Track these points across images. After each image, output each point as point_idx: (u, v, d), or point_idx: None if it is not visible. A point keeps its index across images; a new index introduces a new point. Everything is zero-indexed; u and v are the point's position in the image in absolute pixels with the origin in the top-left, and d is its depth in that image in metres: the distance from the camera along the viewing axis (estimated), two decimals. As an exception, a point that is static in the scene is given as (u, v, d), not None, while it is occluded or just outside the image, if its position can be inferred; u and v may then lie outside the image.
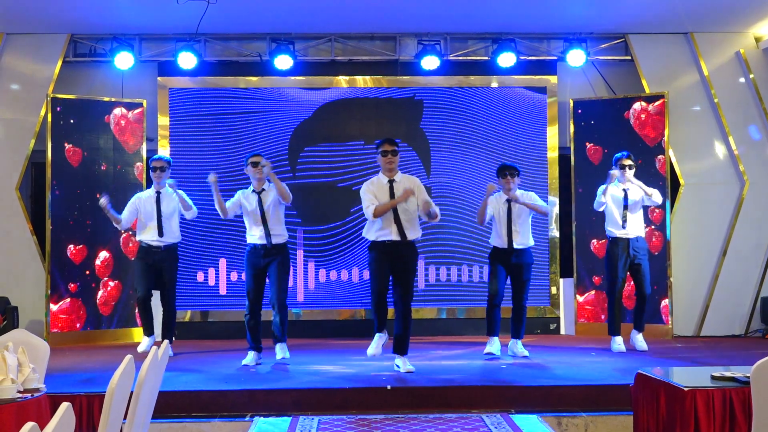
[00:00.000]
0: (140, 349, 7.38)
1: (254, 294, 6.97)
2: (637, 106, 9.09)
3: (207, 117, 9.35)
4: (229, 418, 5.44)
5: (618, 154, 7.70)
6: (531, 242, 7.32)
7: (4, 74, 9.06)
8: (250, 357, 6.97)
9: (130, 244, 8.90)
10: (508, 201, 7.24)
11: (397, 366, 6.42)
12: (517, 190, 7.30)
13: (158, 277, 7.47)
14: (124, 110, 9.05)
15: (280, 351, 7.02)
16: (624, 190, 7.59)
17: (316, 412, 5.49)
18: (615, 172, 7.58)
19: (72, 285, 8.71)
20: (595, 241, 9.11)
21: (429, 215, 6.47)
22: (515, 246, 7.20)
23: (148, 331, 7.50)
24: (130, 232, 8.71)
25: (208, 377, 6.31)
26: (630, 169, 7.59)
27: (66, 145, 8.77)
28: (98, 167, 8.92)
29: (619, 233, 7.60)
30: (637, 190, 7.62)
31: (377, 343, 6.49)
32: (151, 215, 7.48)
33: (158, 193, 7.53)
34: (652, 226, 8.89)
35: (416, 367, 6.44)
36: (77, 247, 8.76)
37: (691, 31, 9.19)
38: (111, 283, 8.90)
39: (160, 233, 7.46)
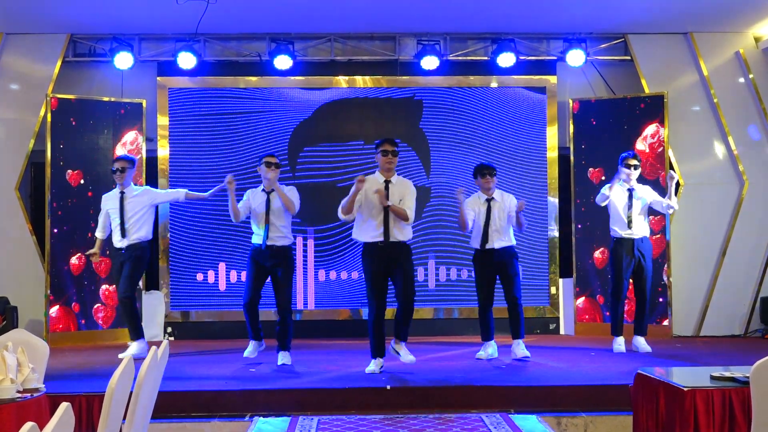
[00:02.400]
0: (128, 354, 7.10)
1: (254, 291, 6.92)
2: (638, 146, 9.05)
3: (206, 117, 9.35)
4: (228, 418, 5.44)
5: (624, 153, 7.66)
6: (512, 242, 7.16)
7: (3, 74, 9.06)
8: (251, 348, 6.97)
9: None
10: (488, 201, 7.12)
11: (397, 352, 6.39)
12: (496, 190, 7.18)
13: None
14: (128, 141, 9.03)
15: (282, 358, 6.98)
16: (629, 190, 7.55)
17: (315, 412, 5.49)
18: (622, 175, 7.56)
19: (71, 285, 8.70)
20: (597, 252, 9.09)
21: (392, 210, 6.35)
22: (492, 247, 7.05)
23: (135, 335, 7.36)
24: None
25: (208, 377, 6.31)
26: (635, 169, 7.53)
27: (68, 171, 8.76)
28: (99, 168, 8.91)
29: (624, 233, 7.54)
30: (644, 192, 7.56)
31: (376, 365, 6.39)
32: (116, 216, 7.43)
33: (122, 193, 7.45)
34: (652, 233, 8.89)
35: (415, 367, 6.43)
36: (77, 248, 8.74)
37: (691, 31, 9.19)
38: (111, 284, 8.88)
39: (123, 234, 7.37)
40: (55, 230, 8.65)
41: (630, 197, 7.51)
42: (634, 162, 7.54)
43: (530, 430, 5.02)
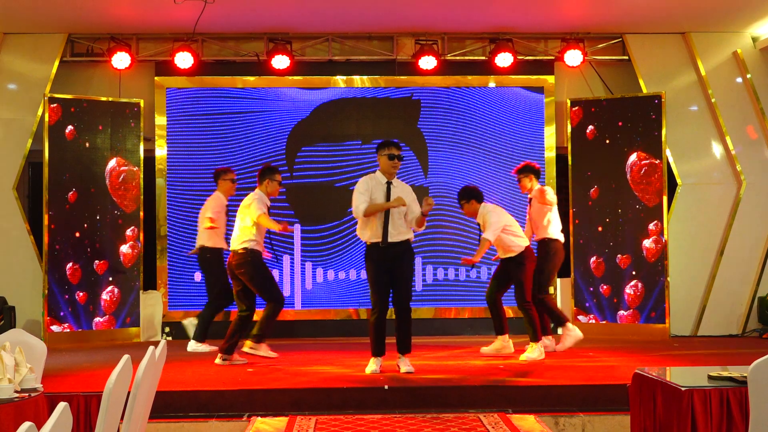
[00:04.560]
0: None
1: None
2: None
3: (204, 117, 9.35)
4: (226, 418, 5.44)
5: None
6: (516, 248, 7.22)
7: (1, 74, 9.05)
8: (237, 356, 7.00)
9: (121, 252, 8.92)
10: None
11: (398, 366, 6.39)
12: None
13: None
14: (117, 163, 9.01)
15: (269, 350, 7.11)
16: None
17: (313, 412, 5.49)
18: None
19: (70, 285, 8.69)
20: (594, 258, 9.10)
21: (419, 220, 6.39)
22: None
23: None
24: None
25: (206, 377, 6.31)
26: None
27: (68, 194, 8.76)
28: (96, 168, 8.91)
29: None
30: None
31: (376, 364, 6.38)
32: None
33: None
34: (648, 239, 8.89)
35: (414, 366, 6.43)
36: (74, 249, 8.74)
37: (688, 31, 9.20)
38: (108, 285, 8.88)
39: None
40: (53, 231, 8.63)
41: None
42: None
43: (528, 429, 5.02)
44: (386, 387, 5.74)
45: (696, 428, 3.88)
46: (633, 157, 8.97)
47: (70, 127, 8.78)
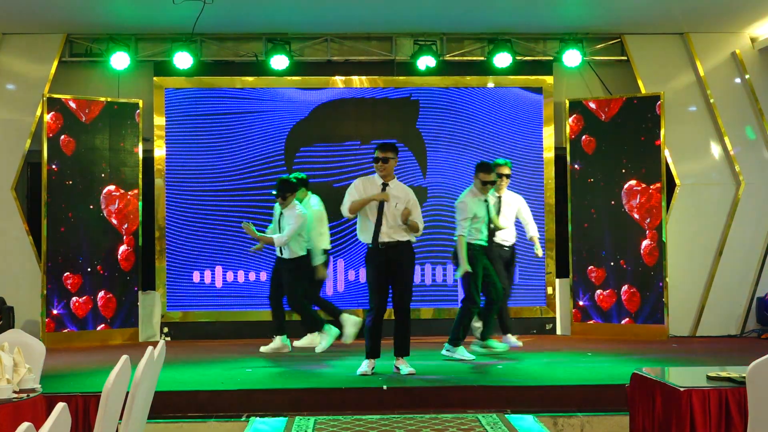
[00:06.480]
0: None
1: None
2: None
3: (203, 117, 9.34)
4: (225, 418, 5.44)
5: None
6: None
7: (0, 74, 9.05)
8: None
9: (119, 254, 8.91)
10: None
11: (398, 368, 6.36)
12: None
13: None
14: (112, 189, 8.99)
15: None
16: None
17: (312, 413, 5.49)
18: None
19: (68, 285, 8.68)
20: (592, 267, 9.10)
21: (409, 227, 6.34)
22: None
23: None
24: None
25: (205, 377, 6.31)
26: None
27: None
28: (95, 168, 8.90)
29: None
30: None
31: (368, 366, 6.33)
32: None
33: None
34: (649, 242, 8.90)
35: (413, 367, 6.42)
36: (73, 249, 8.73)
37: (687, 32, 9.20)
38: (107, 285, 8.86)
39: None
40: (52, 231, 8.62)
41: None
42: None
43: (527, 430, 5.03)
44: (385, 387, 5.74)
45: (695, 428, 3.89)
46: (628, 185, 8.96)
47: (68, 130, 8.75)
